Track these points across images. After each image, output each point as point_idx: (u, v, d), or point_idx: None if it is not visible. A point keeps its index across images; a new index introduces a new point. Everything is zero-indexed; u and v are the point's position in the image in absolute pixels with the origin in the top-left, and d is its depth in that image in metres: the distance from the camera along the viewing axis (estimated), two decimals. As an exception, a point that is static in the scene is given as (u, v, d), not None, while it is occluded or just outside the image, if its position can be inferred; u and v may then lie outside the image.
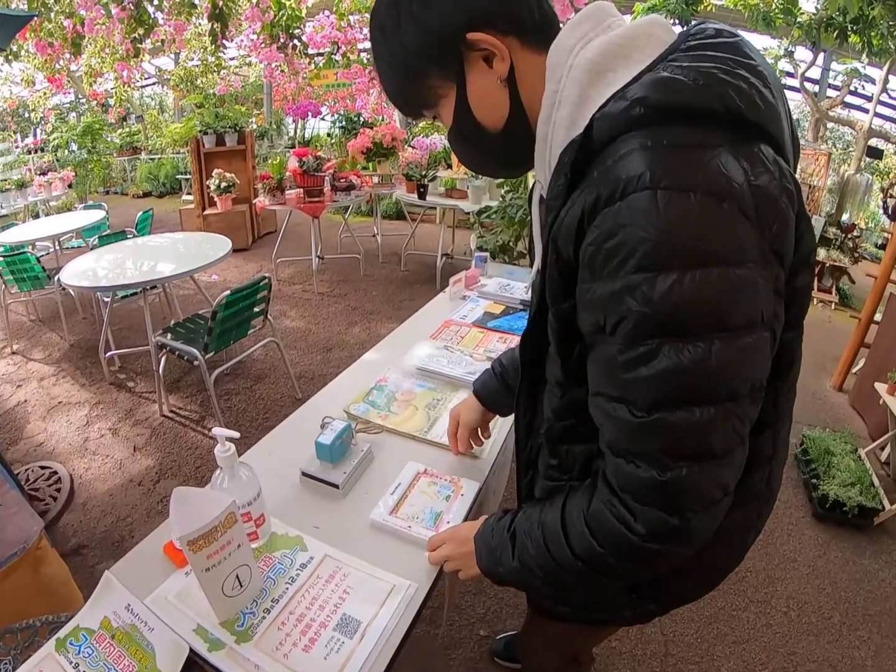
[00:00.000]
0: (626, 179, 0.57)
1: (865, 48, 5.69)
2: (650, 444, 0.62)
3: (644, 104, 0.59)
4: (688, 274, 0.55)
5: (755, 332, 0.59)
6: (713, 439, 0.62)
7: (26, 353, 4.23)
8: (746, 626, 2.06)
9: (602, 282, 0.60)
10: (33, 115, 11.49)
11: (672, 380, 0.59)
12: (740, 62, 0.61)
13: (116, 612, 0.88)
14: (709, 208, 0.55)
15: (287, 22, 5.57)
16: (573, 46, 0.68)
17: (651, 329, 0.58)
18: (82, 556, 2.30)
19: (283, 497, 1.15)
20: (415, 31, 0.71)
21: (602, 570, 0.73)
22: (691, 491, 0.63)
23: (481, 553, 0.90)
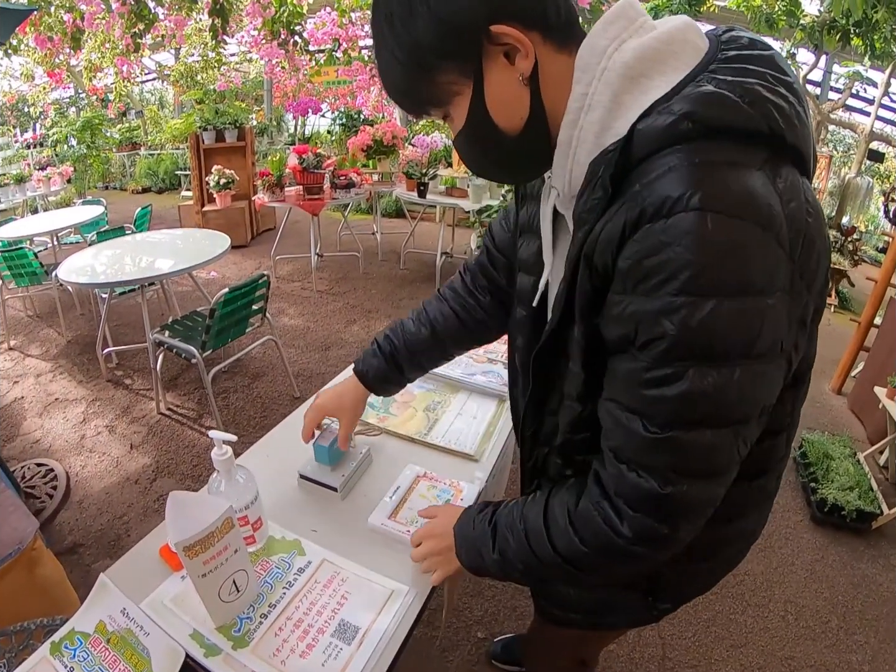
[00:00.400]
0: (675, 198, 0.55)
1: (868, 51, 5.69)
2: (658, 458, 0.63)
3: (693, 119, 0.57)
4: (726, 302, 0.55)
5: (774, 360, 0.60)
6: (719, 459, 0.63)
7: (23, 349, 4.21)
8: (744, 630, 2.06)
9: (638, 297, 0.59)
10: (33, 109, 11.45)
11: (692, 402, 0.59)
12: (779, 79, 0.61)
13: (112, 616, 0.87)
14: (754, 237, 0.55)
15: (288, 18, 5.55)
16: (606, 47, 0.63)
17: (682, 352, 0.58)
18: (78, 555, 2.29)
19: (280, 500, 1.14)
20: (430, 20, 0.63)
21: (582, 567, 0.74)
22: (688, 506, 0.65)
23: (461, 545, 0.90)
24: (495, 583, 2.17)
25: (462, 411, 1.44)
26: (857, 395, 3.63)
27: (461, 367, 1.58)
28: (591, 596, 0.93)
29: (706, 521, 0.72)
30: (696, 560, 0.85)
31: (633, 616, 0.94)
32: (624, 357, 0.64)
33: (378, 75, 0.74)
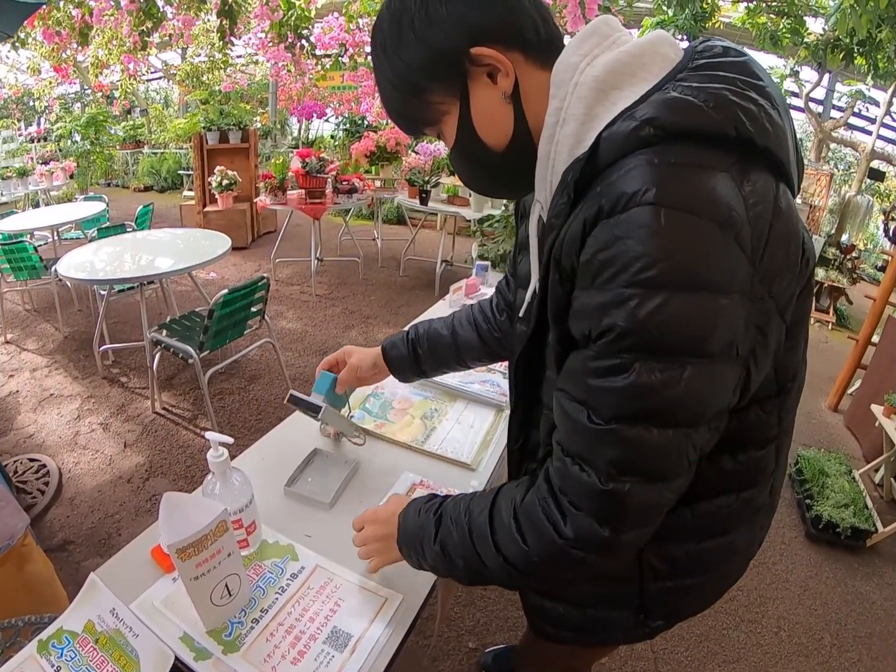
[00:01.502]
0: (630, 193, 0.56)
1: (871, 70, 5.74)
2: (600, 452, 0.62)
3: (654, 125, 0.58)
4: (677, 296, 0.55)
5: (728, 363, 0.59)
6: (664, 462, 0.62)
7: (20, 343, 4.19)
8: (737, 646, 2.05)
9: (592, 291, 0.60)
10: (38, 103, 11.43)
11: (637, 396, 0.58)
12: (749, 83, 0.61)
13: (101, 616, 0.86)
14: (710, 234, 0.55)
15: (296, 22, 5.55)
16: (578, 63, 0.66)
17: (629, 344, 0.57)
18: (68, 553, 2.28)
19: (275, 504, 1.13)
20: (417, 46, 0.69)
21: (521, 568, 0.72)
22: (629, 507, 0.63)
23: (402, 533, 0.88)
24: (488, 593, 2.16)
25: (460, 420, 1.44)
26: (853, 413, 3.63)
27: (459, 376, 1.57)
28: (582, 614, 0.91)
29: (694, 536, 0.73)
30: (683, 575, 0.83)
31: (625, 633, 0.91)
32: (579, 351, 0.65)
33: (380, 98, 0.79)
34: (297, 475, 1.20)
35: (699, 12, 6.09)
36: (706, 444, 0.64)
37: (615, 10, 4.20)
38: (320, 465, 1.25)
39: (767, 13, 6.31)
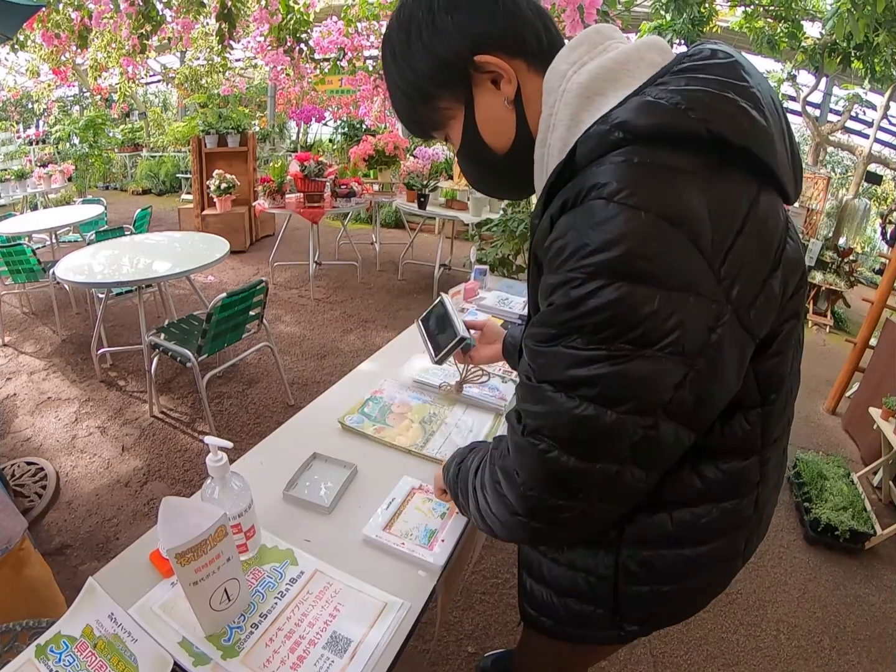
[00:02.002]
0: (589, 186, 0.59)
1: (868, 74, 5.76)
2: (526, 405, 0.68)
3: (623, 128, 0.60)
4: (613, 284, 0.57)
5: (666, 357, 0.59)
6: (582, 436, 0.63)
7: (17, 346, 4.19)
8: (736, 649, 2.05)
9: (547, 275, 0.65)
10: (36, 106, 11.44)
11: (563, 364, 0.62)
12: (729, 83, 0.62)
13: (99, 621, 0.86)
14: (657, 230, 0.56)
15: (295, 25, 5.57)
16: (566, 71, 0.69)
17: (563, 319, 0.61)
18: (66, 556, 2.27)
19: (274, 508, 1.13)
20: (424, 55, 0.73)
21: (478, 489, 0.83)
22: (541, 468, 0.67)
23: (445, 466, 1.04)
24: (487, 597, 2.15)
25: (458, 424, 1.43)
26: (851, 416, 3.64)
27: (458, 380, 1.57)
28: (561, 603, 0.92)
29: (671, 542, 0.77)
30: (658, 581, 0.82)
31: (601, 632, 0.91)
32: None
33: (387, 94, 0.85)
34: (296, 479, 1.19)
35: (697, 17, 6.11)
36: (641, 442, 0.63)
37: (613, 14, 4.21)
38: (319, 469, 1.24)
39: (765, 17, 6.33)
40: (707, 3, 6.19)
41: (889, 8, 4.30)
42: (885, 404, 2.80)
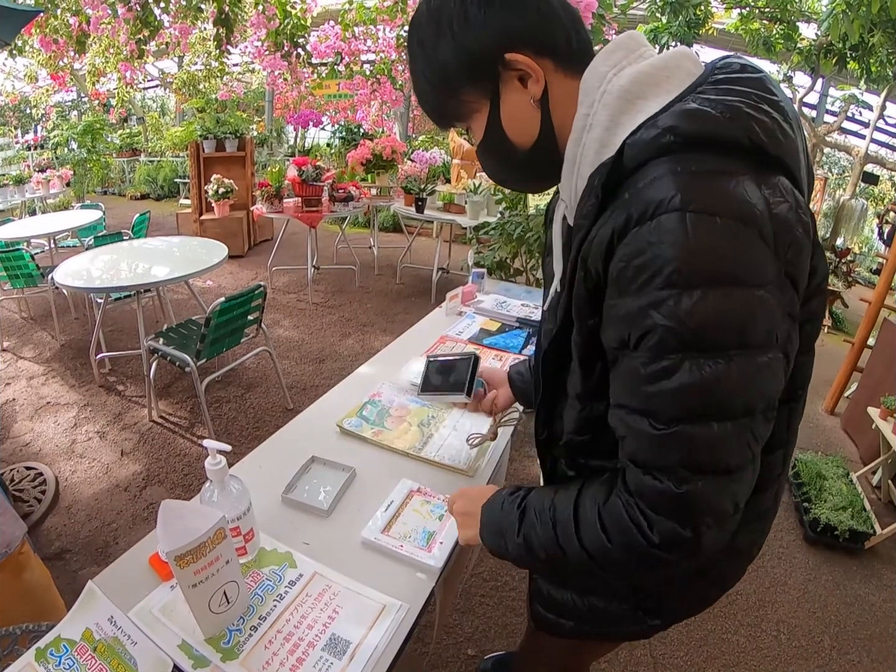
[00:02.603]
0: (657, 201, 0.59)
1: (864, 75, 5.78)
2: (668, 456, 0.63)
3: (674, 133, 0.61)
4: (711, 292, 0.58)
5: (770, 351, 0.61)
6: (729, 454, 0.63)
7: (16, 351, 4.18)
8: (736, 650, 2.04)
9: (629, 297, 0.62)
10: (35, 111, 11.48)
11: (692, 394, 0.60)
12: (764, 97, 0.64)
13: (99, 624, 0.86)
14: (732, 232, 0.58)
15: (292, 30, 5.58)
16: (606, 73, 0.70)
17: (674, 343, 0.60)
18: (65, 561, 2.27)
19: (272, 511, 1.13)
20: (454, 48, 0.73)
21: (605, 565, 0.73)
22: (705, 505, 0.63)
23: (486, 523, 0.89)
24: (487, 600, 2.15)
25: (456, 427, 1.44)
26: (850, 416, 3.64)
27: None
28: (584, 602, 0.93)
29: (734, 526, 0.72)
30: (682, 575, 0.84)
31: (623, 629, 0.93)
32: (624, 361, 0.66)
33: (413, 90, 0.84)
34: (294, 482, 1.20)
35: (693, 19, 6.14)
36: (764, 434, 0.65)
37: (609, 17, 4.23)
38: (318, 472, 1.25)
39: (760, 19, 6.36)
40: (703, 6, 6.22)
41: (884, 9, 4.31)
42: (883, 404, 2.80)
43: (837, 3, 4.54)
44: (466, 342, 1.88)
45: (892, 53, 5.43)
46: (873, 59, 5.59)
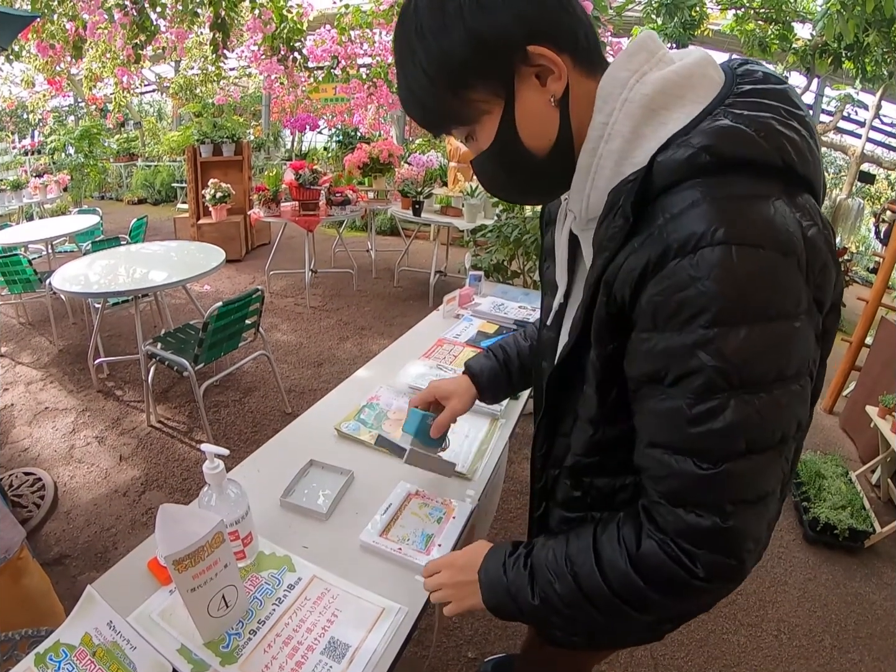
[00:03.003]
0: (700, 234, 0.57)
1: (859, 74, 5.79)
2: (715, 494, 0.62)
3: (710, 152, 0.59)
4: (757, 328, 0.56)
5: (802, 379, 0.61)
6: (768, 481, 0.63)
7: (14, 357, 4.18)
8: (737, 650, 2.04)
9: (669, 334, 0.60)
10: (32, 116, 11.47)
11: (739, 432, 0.59)
12: (792, 112, 0.63)
13: (98, 629, 0.86)
14: (776, 263, 0.57)
15: (288, 34, 5.59)
16: (627, 79, 0.65)
17: (723, 383, 0.58)
18: (64, 566, 2.26)
19: (271, 515, 1.13)
20: (464, 36, 0.63)
21: (640, 605, 0.70)
22: (748, 534, 0.64)
23: (489, 588, 0.84)
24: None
25: (454, 429, 1.43)
26: (848, 415, 3.65)
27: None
28: None
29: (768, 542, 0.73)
30: None
31: (637, 636, 0.92)
32: (658, 399, 0.64)
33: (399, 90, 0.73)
34: (292, 486, 1.19)
35: (688, 20, 6.14)
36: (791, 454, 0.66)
37: (605, 19, 4.24)
38: (316, 476, 1.25)
39: (755, 20, 6.37)
40: (698, 7, 6.23)
41: (878, 8, 4.33)
42: (881, 402, 2.81)
43: (832, 2, 4.55)
44: (464, 345, 1.88)
45: (888, 53, 5.44)
46: (868, 59, 5.60)
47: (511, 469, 2.88)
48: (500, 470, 1.39)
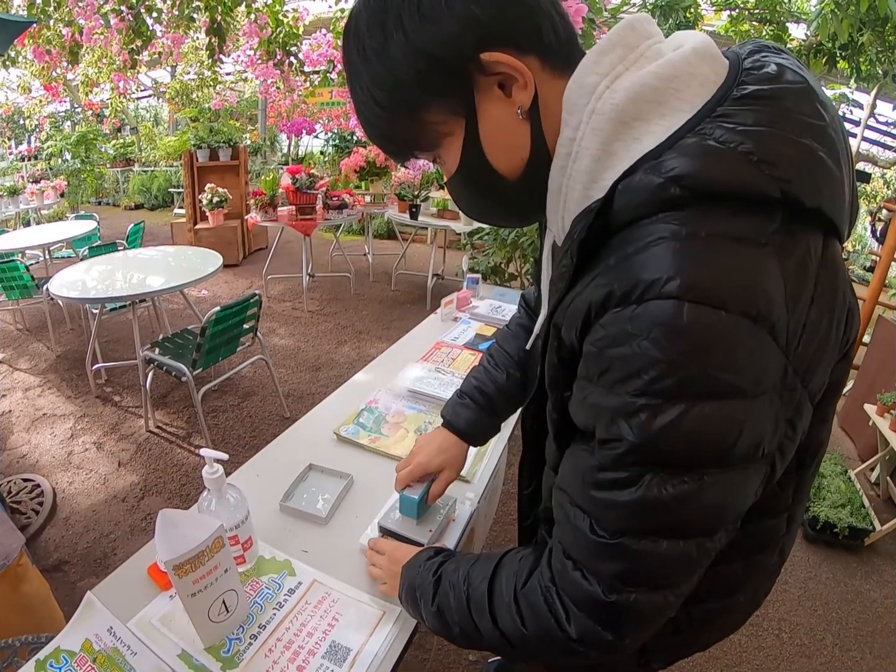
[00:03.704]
0: (649, 282, 0.48)
1: (854, 74, 5.80)
2: (604, 564, 0.56)
3: (681, 184, 0.49)
4: (697, 406, 0.48)
5: (750, 466, 0.53)
6: (674, 572, 0.56)
7: (12, 363, 4.18)
8: (738, 650, 2.04)
9: (599, 389, 0.53)
10: (28, 122, 11.45)
11: (645, 511, 0.52)
12: (807, 124, 0.51)
13: (98, 635, 0.86)
14: (740, 331, 0.47)
15: (284, 39, 5.59)
16: (596, 85, 0.55)
17: (638, 458, 0.51)
18: (63, 573, 2.26)
19: (271, 520, 1.13)
20: (408, 51, 0.56)
21: (520, 648, 0.67)
22: (634, 616, 0.57)
23: (404, 586, 0.84)
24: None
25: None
26: (847, 413, 3.65)
27: (452, 388, 1.56)
28: None
29: (697, 599, 0.68)
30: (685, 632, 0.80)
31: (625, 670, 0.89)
32: (582, 448, 0.59)
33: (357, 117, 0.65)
34: (292, 490, 1.19)
35: (683, 21, 6.16)
36: (724, 543, 0.58)
37: (599, 21, 4.24)
38: (315, 480, 1.24)
39: (750, 20, 6.39)
40: (693, 8, 6.25)
41: (872, 7, 4.34)
42: (879, 400, 2.81)
43: (826, 2, 4.56)
44: (462, 348, 1.88)
45: (882, 52, 5.46)
46: (863, 58, 5.62)
47: (511, 471, 2.87)
48: (499, 473, 1.39)
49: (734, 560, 0.71)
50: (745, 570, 0.74)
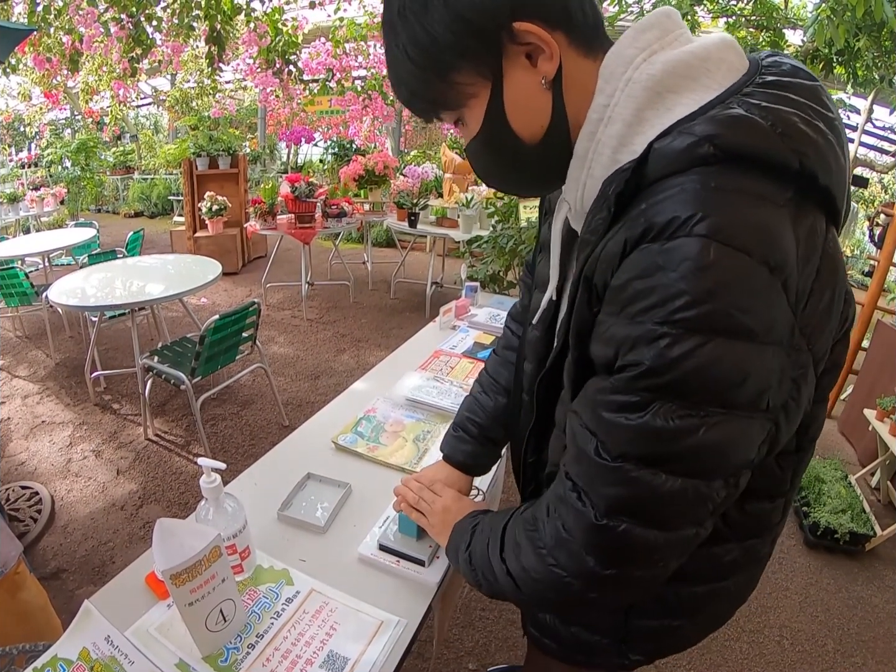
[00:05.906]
0: (682, 219, 0.51)
1: (850, 79, 5.82)
2: (602, 487, 0.59)
3: (714, 142, 0.52)
4: (712, 342, 0.50)
5: (755, 416, 0.55)
6: (667, 510, 0.57)
7: (11, 370, 4.18)
8: (739, 657, 2.04)
9: (621, 320, 0.55)
10: (28, 129, 11.48)
11: (649, 438, 0.54)
12: (820, 113, 0.56)
13: (96, 644, 0.85)
14: (759, 277, 0.50)
15: (283, 47, 5.62)
16: (634, 57, 0.59)
17: (651, 384, 0.53)
18: (61, 581, 2.25)
19: (268, 529, 1.13)
20: (446, 15, 0.59)
21: (523, 586, 0.70)
22: (623, 547, 0.59)
23: (451, 536, 0.91)
24: (487, 613, 2.14)
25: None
26: (847, 418, 3.65)
27: (450, 397, 1.57)
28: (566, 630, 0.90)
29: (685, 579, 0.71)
30: (670, 616, 0.81)
31: (605, 659, 0.89)
32: (599, 378, 0.61)
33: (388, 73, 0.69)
34: (290, 499, 1.19)
35: (679, 28, 6.19)
36: (723, 501, 0.59)
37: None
38: (314, 489, 1.24)
39: (747, 27, 6.42)
40: (690, 16, 6.28)
41: (868, 13, 4.36)
42: (879, 405, 2.81)
43: (822, 8, 4.58)
44: (461, 356, 1.88)
45: (878, 57, 5.48)
46: (859, 64, 5.64)
47: (509, 480, 2.87)
48: (497, 482, 1.39)
49: (729, 541, 0.74)
50: (738, 554, 0.76)
